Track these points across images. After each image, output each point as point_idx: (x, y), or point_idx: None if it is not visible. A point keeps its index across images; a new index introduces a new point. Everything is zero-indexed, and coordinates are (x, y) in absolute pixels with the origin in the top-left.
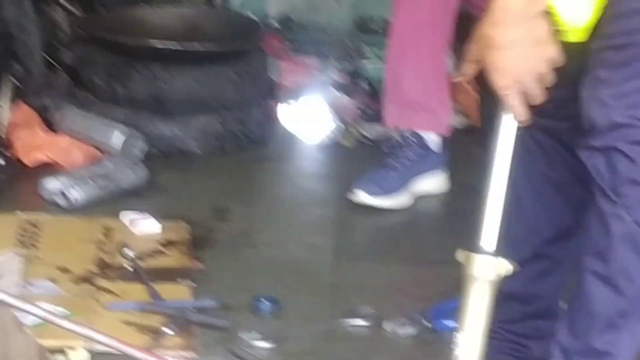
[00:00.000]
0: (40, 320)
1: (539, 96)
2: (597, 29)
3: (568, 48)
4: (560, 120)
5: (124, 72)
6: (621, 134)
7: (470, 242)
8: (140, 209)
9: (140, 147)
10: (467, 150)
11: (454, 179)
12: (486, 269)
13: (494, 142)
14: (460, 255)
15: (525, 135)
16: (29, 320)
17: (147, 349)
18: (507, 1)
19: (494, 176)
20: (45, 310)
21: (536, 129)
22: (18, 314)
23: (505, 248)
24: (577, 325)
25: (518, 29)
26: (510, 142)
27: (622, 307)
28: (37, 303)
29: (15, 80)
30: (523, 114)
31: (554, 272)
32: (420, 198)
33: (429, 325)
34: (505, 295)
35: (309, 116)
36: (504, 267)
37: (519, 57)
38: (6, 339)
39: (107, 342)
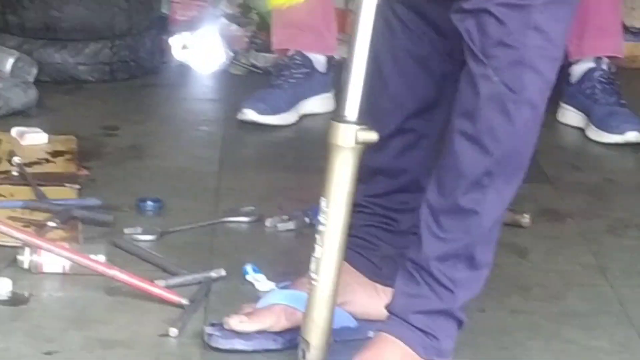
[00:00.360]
0: None
1: None
2: None
3: None
4: None
5: (15, 1)
6: None
7: None
8: (30, 126)
9: (30, 71)
10: None
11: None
12: (349, 137)
13: (356, 14)
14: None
15: (387, 10)
16: None
17: (34, 233)
18: None
19: (355, 47)
20: None
21: (397, 2)
22: None
23: (370, 123)
24: (445, 184)
25: None
26: (371, 12)
27: (488, 166)
28: None
29: None
30: None
31: (418, 146)
32: (306, 116)
33: (308, 220)
34: (372, 170)
35: (201, 46)
36: (366, 135)
37: None
38: None
39: None
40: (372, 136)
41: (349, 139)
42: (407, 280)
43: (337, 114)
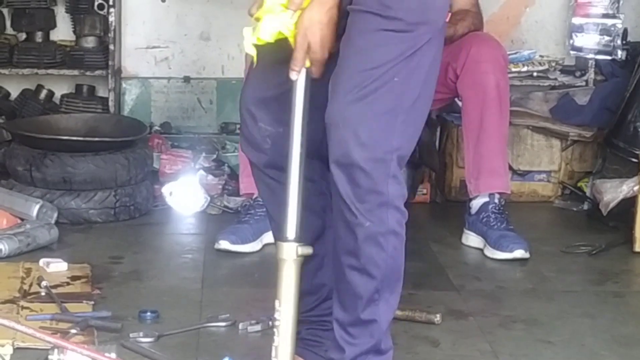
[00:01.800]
0: None
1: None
2: None
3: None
4: (279, 155)
5: (39, 161)
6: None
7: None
8: (54, 257)
9: (52, 215)
10: None
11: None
12: (291, 252)
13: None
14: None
15: (264, 178)
16: None
17: (60, 337)
18: None
19: (290, 178)
20: None
21: (265, 167)
22: None
23: None
24: (346, 304)
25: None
26: (298, 154)
27: (376, 286)
28: None
29: None
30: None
31: (325, 265)
32: (268, 244)
33: (271, 324)
34: (301, 294)
35: (184, 192)
36: (305, 249)
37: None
38: None
39: (32, 333)
40: (309, 250)
41: (291, 253)
42: None
43: (280, 235)
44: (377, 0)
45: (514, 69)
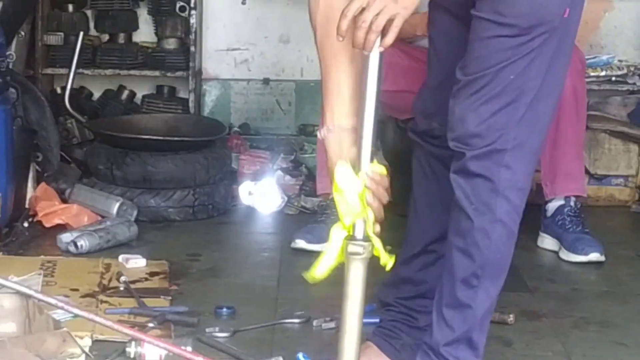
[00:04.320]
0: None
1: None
2: None
3: None
4: (445, 149)
5: (120, 160)
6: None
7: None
8: (133, 254)
9: (132, 213)
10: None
11: None
12: (361, 250)
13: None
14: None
15: (424, 163)
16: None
17: (138, 330)
18: None
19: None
20: (58, 299)
21: (431, 156)
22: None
23: (403, 244)
24: (445, 286)
25: None
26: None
27: (475, 270)
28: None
29: (38, 167)
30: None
31: (437, 264)
32: None
33: None
34: (401, 279)
35: (262, 192)
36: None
37: None
38: (31, 318)
39: (110, 325)
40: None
41: (361, 252)
42: (425, 358)
43: (351, 238)
44: (491, 8)
45: (592, 74)
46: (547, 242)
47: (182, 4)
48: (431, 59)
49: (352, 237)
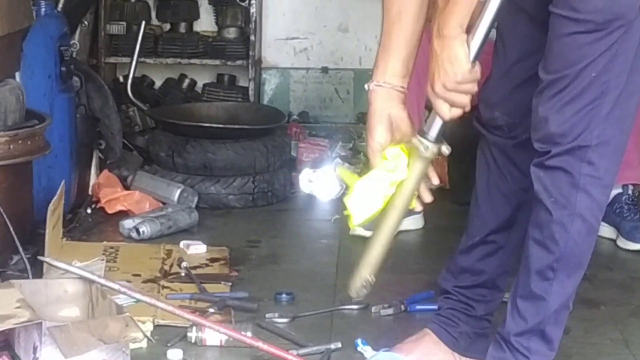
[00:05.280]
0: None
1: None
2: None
3: None
4: (507, 139)
5: (181, 147)
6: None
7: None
8: (194, 240)
9: (192, 199)
10: (438, 202)
11: (427, 220)
12: (428, 148)
13: None
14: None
15: (487, 154)
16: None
17: (199, 316)
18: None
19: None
20: (121, 284)
21: (494, 147)
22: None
23: (465, 235)
24: (521, 277)
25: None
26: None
27: (551, 263)
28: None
29: (100, 154)
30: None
31: (496, 255)
32: (402, 232)
33: (404, 308)
34: (461, 269)
35: (321, 180)
36: (434, 147)
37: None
38: (94, 303)
39: (171, 310)
40: (446, 150)
41: (427, 150)
42: (497, 347)
43: (422, 132)
44: (566, 4)
45: None
46: (604, 230)
47: None
48: (498, 50)
49: (423, 134)
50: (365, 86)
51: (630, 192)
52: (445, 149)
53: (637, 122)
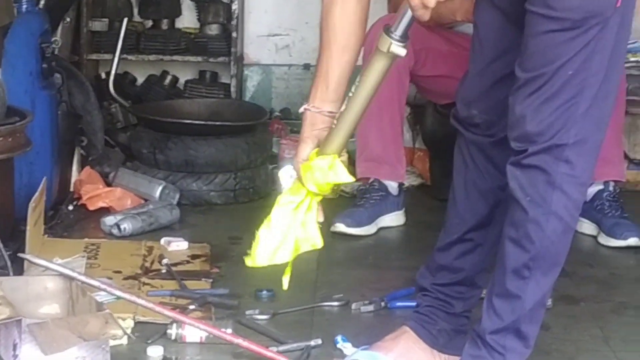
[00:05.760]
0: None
1: None
2: None
3: None
4: (484, 137)
5: (163, 144)
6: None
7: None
8: (175, 237)
9: (174, 196)
10: (420, 199)
11: (408, 216)
12: (385, 44)
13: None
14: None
15: (464, 150)
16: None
17: (179, 312)
18: None
19: None
20: (101, 281)
21: (472, 144)
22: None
23: (442, 231)
24: (496, 276)
25: None
26: None
27: (526, 261)
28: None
29: (82, 151)
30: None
31: (474, 252)
32: (383, 229)
33: (383, 304)
34: (439, 266)
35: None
36: (398, 49)
37: None
38: (74, 300)
39: (152, 307)
40: (402, 51)
41: (386, 47)
42: (472, 345)
43: (387, 29)
44: (542, 1)
45: (632, 58)
46: (585, 226)
47: None
48: (474, 47)
49: (389, 31)
50: (301, 108)
51: (611, 188)
52: (403, 50)
53: (617, 118)
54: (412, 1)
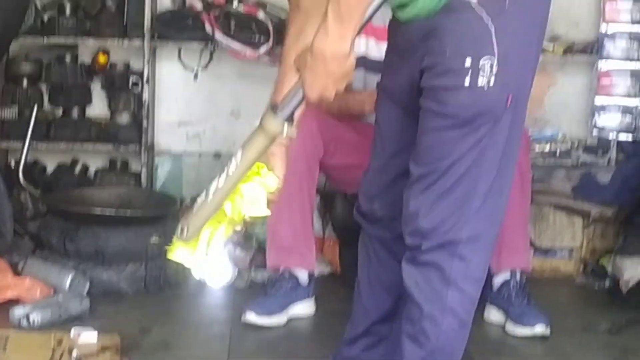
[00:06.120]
0: None
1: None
2: None
3: None
4: (386, 231)
5: (73, 233)
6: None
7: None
8: (84, 327)
9: (84, 286)
10: (330, 288)
11: (319, 305)
12: (273, 127)
13: None
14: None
15: (368, 245)
16: None
17: None
18: None
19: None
20: None
21: (374, 239)
22: None
23: (349, 325)
24: None
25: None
26: None
27: (423, 357)
28: None
29: None
30: None
31: (379, 345)
32: (293, 319)
33: None
34: (347, 358)
35: (212, 267)
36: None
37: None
38: None
39: None
40: (286, 132)
41: (271, 126)
42: None
43: (275, 107)
44: (434, 97)
45: (537, 148)
46: (493, 314)
47: (134, 79)
48: (376, 142)
49: (275, 109)
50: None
51: (518, 277)
52: (290, 131)
53: (523, 207)
54: (311, 96)
